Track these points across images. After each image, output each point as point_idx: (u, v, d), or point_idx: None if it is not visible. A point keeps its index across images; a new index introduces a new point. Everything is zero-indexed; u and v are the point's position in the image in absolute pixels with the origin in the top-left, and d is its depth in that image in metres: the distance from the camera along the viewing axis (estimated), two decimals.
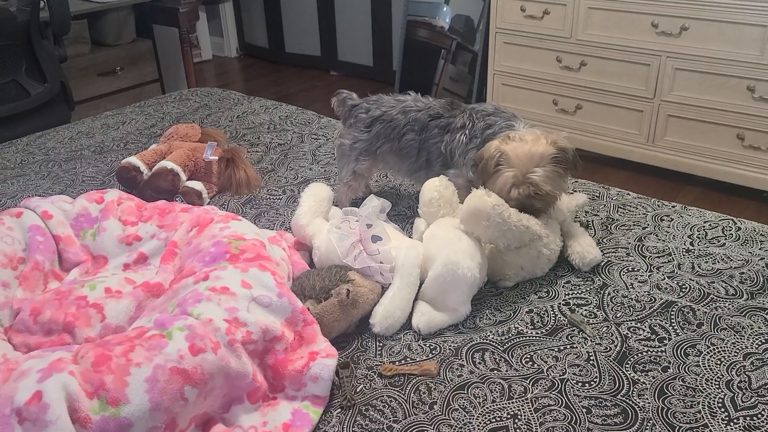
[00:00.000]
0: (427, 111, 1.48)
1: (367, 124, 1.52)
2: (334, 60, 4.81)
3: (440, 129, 1.46)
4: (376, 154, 1.53)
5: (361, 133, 1.53)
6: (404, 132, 1.49)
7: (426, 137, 1.47)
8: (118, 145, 2.04)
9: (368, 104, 1.54)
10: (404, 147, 1.50)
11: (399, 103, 1.52)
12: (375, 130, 1.51)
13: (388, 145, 1.51)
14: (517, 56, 3.29)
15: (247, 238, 1.21)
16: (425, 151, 1.48)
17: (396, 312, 1.21)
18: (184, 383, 0.95)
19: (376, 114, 1.52)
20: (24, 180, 1.83)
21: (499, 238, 1.28)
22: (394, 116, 1.50)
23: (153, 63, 3.73)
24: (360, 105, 1.55)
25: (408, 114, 1.49)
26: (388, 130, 1.50)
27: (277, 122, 2.19)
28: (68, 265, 1.27)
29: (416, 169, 1.52)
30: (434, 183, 1.37)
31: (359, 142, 1.53)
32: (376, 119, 1.51)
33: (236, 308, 1.05)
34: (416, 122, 1.48)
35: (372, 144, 1.52)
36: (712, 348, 1.15)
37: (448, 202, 1.37)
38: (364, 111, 1.53)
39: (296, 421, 1.02)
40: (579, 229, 1.43)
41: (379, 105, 1.53)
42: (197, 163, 1.69)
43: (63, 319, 1.10)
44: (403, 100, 1.52)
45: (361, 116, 1.53)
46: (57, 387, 0.88)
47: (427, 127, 1.47)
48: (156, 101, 2.42)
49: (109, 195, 1.36)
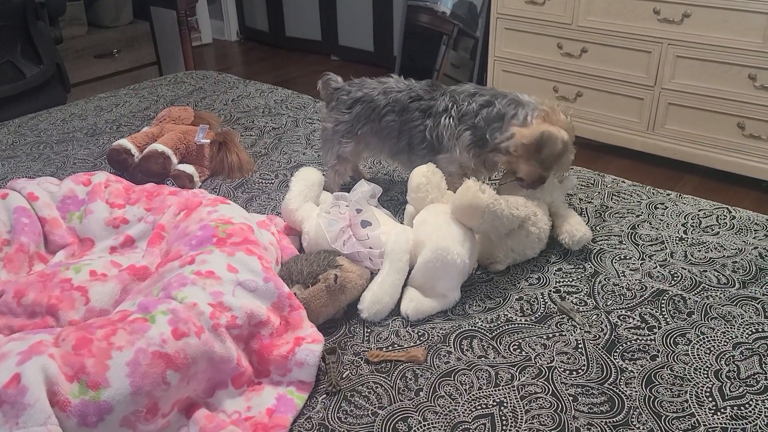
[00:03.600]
0: (408, 92, 1.46)
1: (348, 106, 1.51)
2: (334, 45, 4.77)
3: (421, 112, 1.44)
4: (358, 136, 1.51)
5: (342, 115, 1.51)
6: (384, 113, 1.47)
7: (407, 119, 1.45)
8: (111, 128, 2.03)
9: (350, 87, 1.53)
10: (384, 128, 1.48)
11: (380, 84, 1.50)
12: (355, 112, 1.50)
13: (369, 126, 1.50)
14: (518, 42, 3.26)
15: (235, 222, 1.20)
16: (406, 134, 1.46)
17: (384, 298, 1.20)
18: (167, 367, 0.94)
19: (357, 95, 1.50)
20: (15, 162, 1.82)
21: (490, 230, 1.28)
22: (374, 97, 1.48)
23: (151, 46, 3.70)
24: (342, 88, 1.53)
25: (389, 95, 1.47)
26: (368, 110, 1.49)
27: (272, 106, 2.17)
28: (54, 247, 1.26)
29: (397, 151, 1.50)
30: (422, 169, 1.36)
31: (341, 124, 1.52)
32: (356, 100, 1.50)
33: (221, 292, 1.04)
34: (396, 103, 1.46)
35: (353, 126, 1.51)
36: (702, 337, 1.14)
37: (437, 187, 1.35)
38: (346, 93, 1.52)
39: (280, 406, 1.01)
40: (568, 210, 1.41)
41: (360, 87, 1.51)
42: (189, 146, 1.67)
43: (47, 302, 1.09)
44: (384, 81, 1.51)
45: (342, 98, 1.52)
46: (36, 370, 0.87)
47: (407, 109, 1.45)
48: (150, 84, 2.40)
49: (96, 177, 1.35)
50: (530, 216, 1.32)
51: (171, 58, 3.91)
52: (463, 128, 1.39)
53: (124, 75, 3.57)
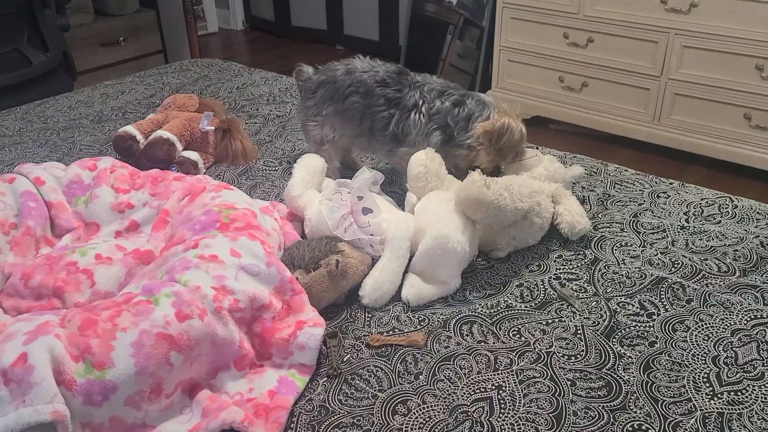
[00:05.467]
0: (373, 75, 1.47)
1: (313, 90, 1.52)
2: (340, 34, 4.77)
3: (387, 100, 1.45)
4: (323, 116, 1.52)
5: (309, 100, 1.53)
6: (348, 93, 1.47)
7: (371, 103, 1.46)
8: (117, 115, 2.04)
9: (315, 73, 1.54)
10: (348, 109, 1.48)
11: (344, 66, 1.51)
12: (319, 94, 1.51)
13: (333, 107, 1.50)
14: (523, 32, 3.25)
15: (238, 207, 1.21)
16: (369, 118, 1.47)
17: (385, 284, 1.22)
18: (170, 348, 0.96)
19: (321, 79, 1.52)
20: (22, 148, 1.83)
21: (494, 222, 1.30)
22: (337, 78, 1.49)
23: (157, 34, 3.72)
24: (310, 76, 1.55)
25: (352, 75, 1.48)
26: (332, 91, 1.49)
27: (276, 94, 2.18)
28: (60, 231, 1.28)
29: (359, 134, 1.51)
30: (420, 157, 1.35)
31: (309, 109, 1.53)
32: (320, 84, 1.51)
33: (224, 276, 1.06)
34: (361, 84, 1.47)
35: (318, 108, 1.52)
36: (701, 324, 1.14)
37: (436, 175, 1.36)
38: (311, 80, 1.53)
39: (282, 389, 1.03)
40: (571, 198, 1.42)
41: (325, 71, 1.53)
42: (193, 133, 1.68)
43: (53, 284, 1.11)
44: (348, 63, 1.52)
45: (309, 86, 1.53)
46: (42, 349, 0.89)
47: (372, 93, 1.46)
48: (156, 71, 2.41)
49: (102, 162, 1.36)
50: (534, 207, 1.32)
51: (177, 46, 3.92)
52: (433, 127, 1.42)
53: (130, 63, 3.59)
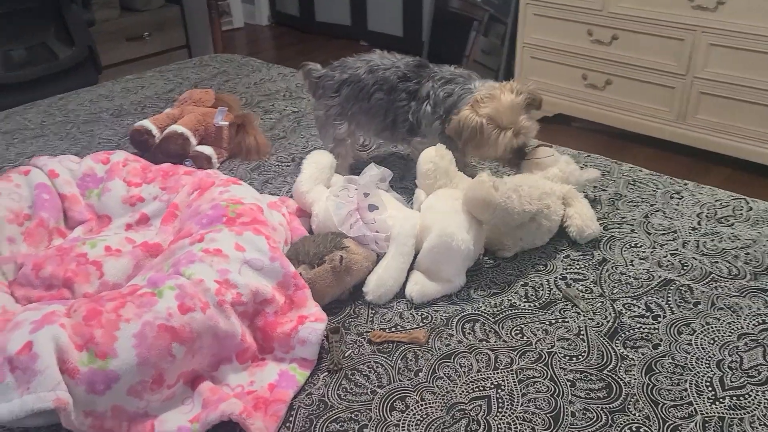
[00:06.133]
0: (395, 71, 1.48)
1: (335, 90, 1.53)
2: (363, 30, 4.78)
3: (408, 94, 1.47)
4: (349, 116, 1.54)
5: (331, 99, 1.54)
6: (373, 92, 1.49)
7: (394, 98, 1.48)
8: (136, 109, 2.08)
9: (333, 71, 1.55)
10: (373, 106, 1.51)
11: (365, 63, 1.52)
12: (344, 93, 1.52)
13: (358, 105, 1.52)
14: (547, 28, 3.22)
15: (245, 202, 1.22)
16: (392, 113, 1.50)
17: (389, 281, 1.22)
18: (172, 340, 0.98)
19: (343, 77, 1.52)
20: (43, 140, 1.87)
21: (500, 224, 1.30)
22: (361, 76, 1.51)
23: (181, 29, 3.76)
24: (326, 74, 1.55)
25: (376, 73, 1.50)
26: (356, 90, 1.51)
27: (293, 90, 2.19)
28: (73, 223, 1.31)
29: (383, 128, 1.54)
30: (430, 154, 1.35)
31: (332, 108, 1.54)
32: (343, 83, 1.52)
33: (228, 270, 1.07)
34: (385, 82, 1.49)
35: (343, 107, 1.53)
36: (707, 327, 1.13)
37: (445, 173, 1.36)
38: (330, 78, 1.54)
39: (282, 382, 1.04)
40: (582, 201, 1.40)
41: (344, 69, 1.53)
42: (208, 127, 1.70)
43: (63, 275, 1.13)
44: (368, 59, 1.53)
45: (328, 84, 1.54)
46: (47, 338, 0.91)
47: (396, 89, 1.48)
48: (177, 66, 2.44)
49: (115, 156, 1.39)
50: (543, 209, 1.31)
51: (200, 41, 3.96)
52: (435, 117, 1.44)
53: (154, 58, 3.63)
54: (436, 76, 1.47)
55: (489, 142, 1.39)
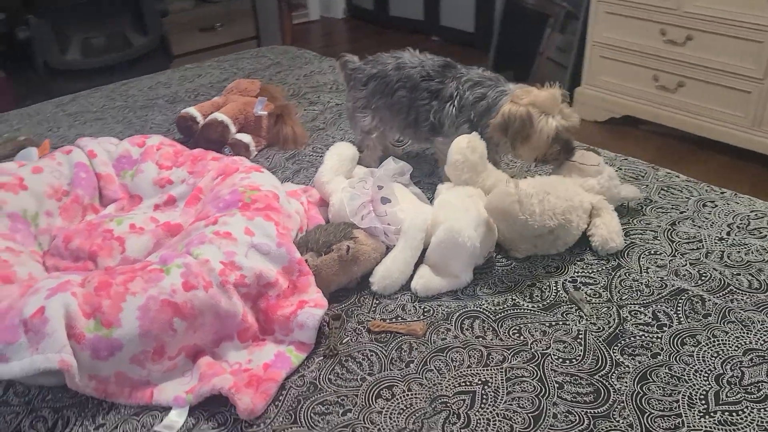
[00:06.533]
0: (420, 70, 1.50)
1: (363, 83, 1.57)
2: (436, 25, 4.79)
3: (430, 93, 1.48)
4: (373, 110, 1.58)
5: (359, 92, 1.58)
6: (396, 88, 1.52)
7: (416, 97, 1.50)
8: (190, 96, 2.18)
9: (365, 65, 1.59)
10: (396, 103, 1.53)
11: (394, 59, 1.55)
12: (370, 87, 1.56)
13: (383, 101, 1.55)
14: (618, 27, 3.13)
15: (263, 189, 1.27)
16: (414, 111, 1.51)
17: (395, 273, 1.25)
18: (174, 315, 1.04)
19: (372, 72, 1.56)
20: (101, 123, 2.00)
21: (517, 236, 1.31)
22: (388, 72, 1.54)
23: (252, 20, 3.88)
24: (359, 67, 1.59)
25: (401, 70, 1.52)
26: (381, 85, 1.54)
27: (340, 83, 2.23)
28: (107, 201, 1.40)
29: (405, 126, 1.56)
30: (461, 145, 1.35)
31: (359, 100, 1.59)
32: (371, 77, 1.56)
33: (234, 252, 1.13)
34: (408, 80, 1.51)
35: (369, 100, 1.57)
36: (713, 340, 1.10)
37: (473, 167, 1.36)
38: (361, 71, 1.58)
39: (277, 362, 1.09)
40: (611, 213, 1.36)
41: (375, 63, 1.57)
42: (248, 116, 1.77)
43: (89, 248, 1.22)
44: (399, 56, 1.55)
45: (358, 77, 1.58)
46: (58, 305, 0.99)
47: (418, 87, 1.50)
48: (234, 56, 2.54)
49: (151, 140, 1.47)
50: (564, 224, 1.29)
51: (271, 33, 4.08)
52: (462, 120, 1.44)
53: (224, 48, 3.76)
54: (462, 77, 1.47)
55: (536, 131, 1.36)
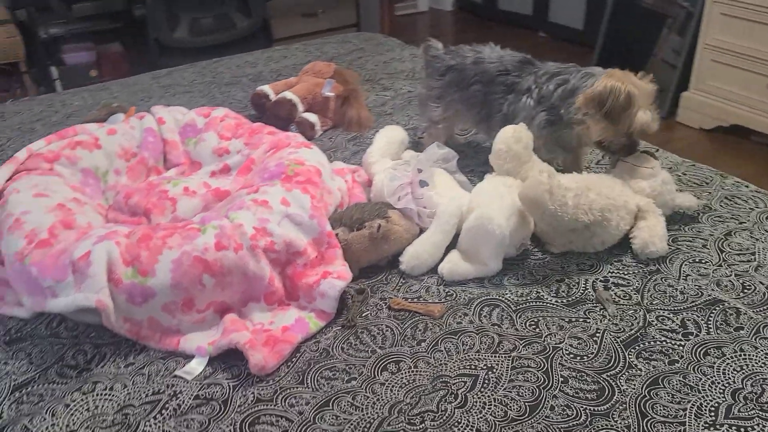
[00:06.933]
0: (497, 66, 1.48)
1: (441, 73, 1.57)
2: (543, 20, 4.70)
3: (505, 87, 1.46)
4: (447, 102, 1.58)
5: (435, 81, 1.58)
6: (472, 82, 1.52)
7: (490, 91, 1.49)
8: (272, 76, 2.28)
9: (446, 54, 1.58)
10: (470, 97, 1.53)
11: (474, 53, 1.54)
12: (447, 79, 1.56)
13: (458, 94, 1.55)
14: (733, 30, 2.94)
15: (306, 164, 1.33)
16: (488, 105, 1.50)
17: (424, 255, 1.27)
18: (204, 271, 1.12)
19: (450, 63, 1.56)
20: (188, 96, 2.14)
21: (548, 227, 1.30)
22: (466, 65, 1.53)
23: (353, 8, 3.97)
24: (439, 56, 1.59)
25: (479, 65, 1.51)
26: (458, 78, 1.54)
27: (417, 71, 2.26)
28: (170, 165, 1.51)
29: (479, 120, 1.56)
30: (506, 135, 1.34)
31: (434, 90, 1.59)
32: (449, 68, 1.56)
33: (268, 220, 1.19)
34: (484, 74, 1.50)
35: (444, 92, 1.57)
36: (739, 354, 1.05)
37: (516, 157, 1.34)
38: (440, 61, 1.58)
39: (296, 327, 1.14)
40: (658, 218, 1.32)
41: (455, 55, 1.57)
42: (316, 97, 1.84)
43: (145, 205, 1.33)
44: (479, 50, 1.54)
45: (436, 66, 1.58)
46: (103, 251, 1.10)
47: (493, 81, 1.48)
48: (320, 41, 2.62)
49: (216, 112, 1.57)
50: (601, 221, 1.27)
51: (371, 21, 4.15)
52: (540, 109, 1.40)
53: (324, 34, 3.87)
54: (540, 71, 1.45)
55: (629, 115, 1.31)
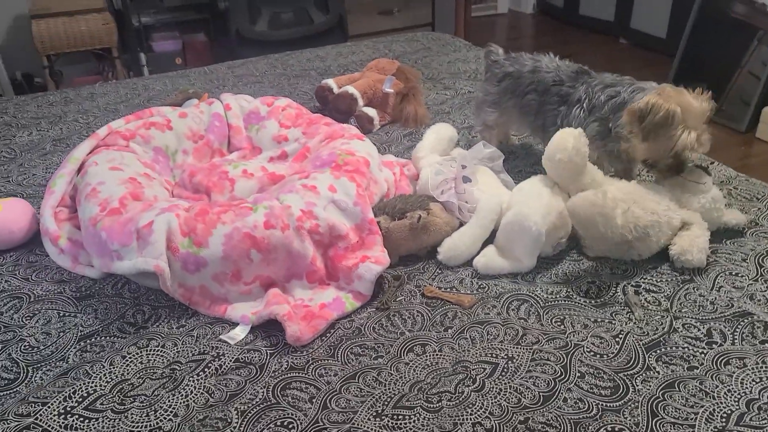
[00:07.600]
0: (553, 76, 1.51)
1: (498, 79, 1.60)
2: (625, 27, 4.63)
3: (559, 97, 1.48)
4: (502, 108, 1.61)
5: (492, 86, 1.62)
6: (528, 91, 1.54)
7: (545, 101, 1.51)
8: (339, 71, 2.37)
9: (505, 60, 1.61)
10: (525, 105, 1.56)
11: (533, 62, 1.56)
12: (504, 85, 1.59)
13: (513, 101, 1.58)
14: None
15: (357, 155, 1.41)
16: (542, 115, 1.52)
17: (461, 247, 1.33)
18: (251, 247, 1.22)
19: (509, 70, 1.59)
20: (258, 86, 2.26)
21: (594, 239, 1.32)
22: (523, 73, 1.56)
23: (428, 7, 4.03)
24: (499, 61, 1.62)
25: (536, 74, 1.53)
26: (514, 86, 1.57)
27: (480, 72, 2.30)
28: (233, 148, 1.62)
29: (534, 129, 1.59)
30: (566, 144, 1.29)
31: (490, 95, 1.62)
32: (506, 75, 1.59)
33: (314, 204, 1.28)
34: (540, 83, 1.52)
35: (500, 98, 1.61)
36: (761, 366, 1.06)
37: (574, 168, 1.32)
38: (499, 66, 1.61)
39: (332, 305, 1.22)
40: (702, 231, 1.32)
41: (513, 62, 1.59)
42: (376, 92, 1.92)
43: (206, 184, 1.44)
44: (537, 59, 1.56)
45: (495, 71, 1.62)
46: (164, 221, 1.21)
47: (548, 91, 1.51)
48: (389, 39, 2.70)
49: (279, 102, 1.67)
50: (643, 238, 1.28)
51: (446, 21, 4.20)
52: (591, 120, 1.42)
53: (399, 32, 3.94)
54: (594, 81, 1.46)
55: (672, 135, 1.28)
